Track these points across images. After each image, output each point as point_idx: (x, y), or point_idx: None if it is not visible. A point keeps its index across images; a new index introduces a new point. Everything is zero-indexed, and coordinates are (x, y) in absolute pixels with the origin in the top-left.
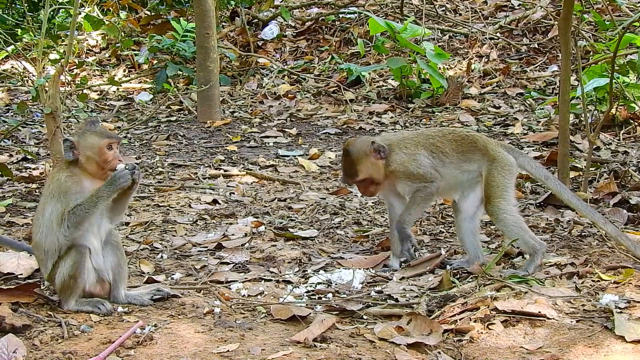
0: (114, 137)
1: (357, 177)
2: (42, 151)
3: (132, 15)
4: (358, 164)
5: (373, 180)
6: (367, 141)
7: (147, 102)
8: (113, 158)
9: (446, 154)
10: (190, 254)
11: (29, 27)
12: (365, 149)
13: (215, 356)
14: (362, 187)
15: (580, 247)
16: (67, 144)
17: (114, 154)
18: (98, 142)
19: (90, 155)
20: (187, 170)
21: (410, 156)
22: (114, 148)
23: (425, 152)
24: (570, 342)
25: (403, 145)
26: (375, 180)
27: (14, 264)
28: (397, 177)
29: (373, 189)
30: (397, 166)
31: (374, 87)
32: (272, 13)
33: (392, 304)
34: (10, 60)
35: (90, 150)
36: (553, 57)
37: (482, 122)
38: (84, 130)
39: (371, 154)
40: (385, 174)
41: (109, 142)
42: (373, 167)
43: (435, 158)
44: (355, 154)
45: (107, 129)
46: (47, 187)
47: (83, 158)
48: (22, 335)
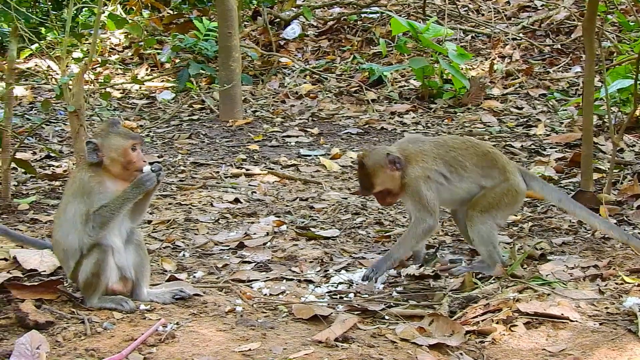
0: (138, 137)
1: (373, 189)
2: (66, 149)
3: (155, 14)
4: (374, 176)
5: (390, 191)
6: (383, 153)
7: (170, 100)
8: (137, 159)
9: (465, 168)
10: (212, 252)
11: (53, 26)
12: (380, 160)
13: (237, 355)
14: (380, 198)
15: (604, 249)
16: (90, 146)
17: (138, 155)
18: (123, 143)
19: (114, 157)
20: (209, 169)
21: (425, 171)
22: (138, 148)
23: (444, 165)
24: (593, 345)
25: (421, 159)
26: (391, 191)
27: (37, 260)
28: (407, 192)
29: (390, 199)
30: (409, 180)
31: (395, 87)
32: (294, 12)
33: (413, 304)
34: (34, 58)
35: (115, 152)
36: (576, 58)
37: (505, 123)
38: (107, 131)
39: (387, 166)
40: (400, 184)
41: (133, 143)
42: (389, 178)
43: (453, 172)
44: (371, 167)
45: (129, 130)
46: (69, 187)
47: (107, 160)
48: (45, 331)
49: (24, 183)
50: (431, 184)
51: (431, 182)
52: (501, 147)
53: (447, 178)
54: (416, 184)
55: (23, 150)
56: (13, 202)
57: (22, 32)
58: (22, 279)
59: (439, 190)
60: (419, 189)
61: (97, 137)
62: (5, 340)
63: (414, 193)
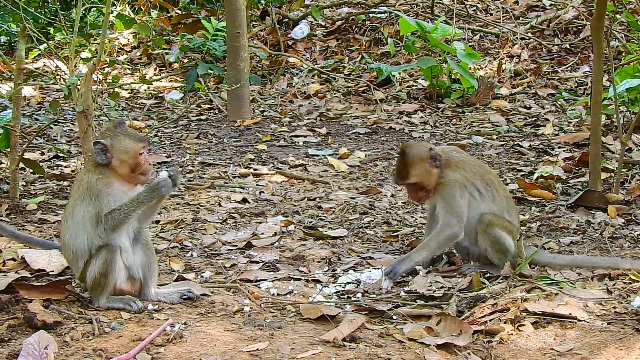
0: (146, 140)
1: (408, 179)
2: (74, 149)
3: (163, 14)
4: (412, 166)
5: (423, 187)
6: (426, 146)
7: (178, 100)
8: (144, 162)
9: (499, 192)
10: (219, 252)
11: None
12: (422, 153)
13: (245, 355)
14: (411, 191)
15: (612, 248)
16: (98, 147)
17: (145, 158)
18: (133, 146)
19: (125, 159)
20: (217, 169)
21: (463, 179)
22: (145, 151)
23: (481, 182)
24: (601, 345)
25: (462, 166)
26: (425, 186)
27: (45, 260)
28: (441, 192)
29: (422, 195)
30: (449, 181)
31: (404, 87)
32: (303, 12)
33: (421, 304)
34: (42, 58)
35: (125, 154)
36: (585, 58)
37: (513, 122)
38: (116, 132)
39: (427, 160)
40: (435, 183)
41: (143, 146)
42: (426, 173)
43: (489, 191)
44: (411, 157)
45: (137, 132)
46: (76, 189)
47: (117, 161)
48: (53, 331)
49: (32, 183)
50: (465, 193)
51: (465, 192)
52: (509, 147)
53: (481, 194)
54: (452, 188)
55: (31, 151)
56: (21, 202)
57: (31, 32)
58: (30, 279)
59: (470, 204)
60: (453, 193)
61: (106, 137)
62: (14, 340)
63: (447, 196)
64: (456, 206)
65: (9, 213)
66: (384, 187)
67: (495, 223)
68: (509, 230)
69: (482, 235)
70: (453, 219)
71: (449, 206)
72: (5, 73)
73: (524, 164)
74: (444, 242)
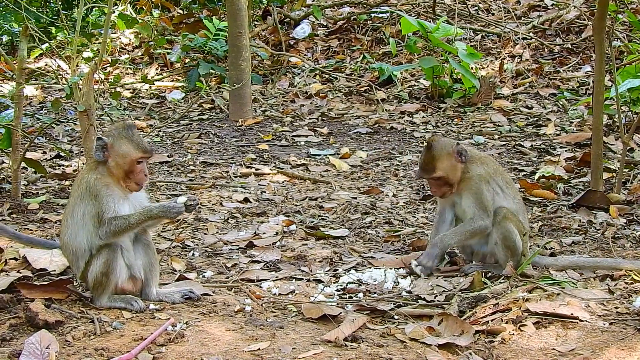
0: (148, 151)
1: (433, 173)
2: (76, 148)
3: (165, 14)
4: (438, 160)
5: (447, 181)
6: (452, 141)
7: (179, 100)
8: (140, 172)
9: (517, 193)
10: (221, 252)
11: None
12: (448, 147)
13: (246, 354)
14: (435, 186)
15: (614, 248)
16: (99, 143)
17: (142, 168)
18: (132, 153)
19: (119, 162)
20: (218, 168)
21: (487, 174)
22: (144, 162)
23: (501, 180)
24: (603, 345)
25: (485, 162)
26: (449, 181)
27: (47, 260)
28: (468, 188)
29: (445, 190)
30: (474, 176)
31: (405, 87)
32: (304, 12)
33: (423, 304)
34: (44, 58)
35: (121, 158)
36: (586, 58)
37: (514, 122)
38: (121, 134)
39: (453, 154)
40: (460, 179)
41: (142, 156)
42: (451, 167)
43: (508, 189)
44: (438, 150)
45: (143, 140)
46: (76, 189)
47: (112, 162)
48: (55, 331)
49: (34, 182)
50: (490, 188)
51: (490, 187)
52: (511, 147)
53: (503, 191)
54: (478, 182)
55: (33, 150)
56: (23, 202)
57: (33, 32)
58: (32, 279)
59: (494, 198)
60: (480, 188)
61: (109, 136)
62: (15, 340)
63: (475, 191)
64: (485, 200)
65: (11, 212)
66: (385, 187)
67: (510, 218)
68: (520, 229)
69: (495, 227)
70: (483, 213)
71: (478, 201)
72: (7, 72)
73: (525, 164)
74: (476, 233)
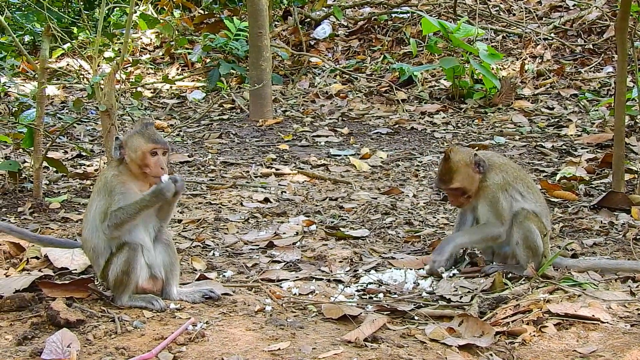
0: (160, 143)
1: (450, 184)
2: (97, 148)
3: (186, 14)
4: (455, 171)
5: (465, 192)
6: (470, 152)
7: (200, 100)
8: (155, 164)
9: (539, 196)
10: (241, 252)
11: (85, 26)
12: (466, 158)
13: (266, 354)
14: (453, 196)
15: (635, 250)
16: (116, 142)
17: (157, 161)
18: (142, 146)
19: (133, 157)
20: (239, 168)
21: (505, 181)
22: (159, 154)
23: (522, 185)
24: (625, 347)
25: (504, 170)
26: (467, 192)
27: (68, 259)
28: (485, 195)
29: (463, 200)
30: (491, 184)
31: (426, 87)
32: (325, 12)
33: (443, 305)
34: (66, 58)
35: (134, 153)
36: (608, 58)
37: (535, 123)
38: (135, 131)
39: (471, 165)
40: (477, 188)
41: (154, 147)
42: (469, 178)
43: (530, 193)
44: (455, 161)
45: (156, 134)
46: (96, 184)
47: (128, 158)
48: (76, 330)
49: (56, 182)
50: (507, 195)
51: (507, 194)
52: (532, 147)
53: (523, 196)
54: (495, 191)
55: (55, 150)
56: (45, 201)
57: (55, 32)
58: (54, 278)
59: (511, 204)
60: (497, 196)
61: (125, 134)
62: (37, 338)
63: (491, 199)
64: (501, 209)
65: (33, 211)
66: (405, 188)
67: (531, 218)
68: (542, 230)
69: (517, 227)
70: (497, 221)
71: (493, 209)
72: (29, 72)
73: (546, 165)
74: (486, 238)
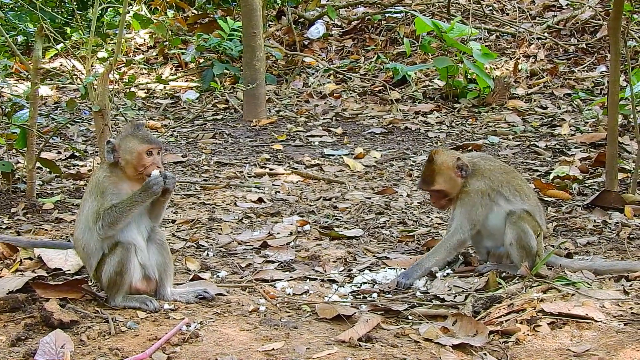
0: (154, 143)
1: (432, 186)
2: (90, 148)
3: (180, 14)
4: (438, 174)
5: (446, 194)
6: (454, 155)
7: (194, 100)
8: (151, 164)
9: (529, 197)
10: (235, 252)
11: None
12: (449, 162)
13: (260, 354)
14: (435, 198)
15: (629, 249)
16: (109, 146)
17: (153, 160)
18: (137, 147)
19: (128, 159)
20: (232, 168)
21: (488, 187)
22: (154, 154)
23: (508, 189)
24: (618, 346)
25: (488, 176)
26: (448, 194)
27: (62, 260)
28: (463, 200)
29: (444, 202)
30: (471, 190)
31: (420, 87)
32: (319, 12)
33: (437, 304)
34: (59, 58)
35: (129, 155)
36: (601, 58)
37: (529, 122)
38: (127, 132)
39: (453, 169)
40: (459, 192)
41: (149, 148)
42: (451, 182)
43: (516, 196)
44: (439, 164)
45: (149, 134)
46: (88, 185)
47: (122, 161)
48: (69, 330)
49: (49, 182)
50: (488, 201)
51: (489, 199)
52: (526, 147)
53: (508, 200)
54: (474, 196)
55: (48, 150)
56: (38, 202)
57: (48, 32)
58: (47, 279)
59: (493, 211)
60: (474, 201)
61: (117, 137)
62: (30, 339)
63: (468, 203)
64: (474, 214)
65: (26, 212)
66: (399, 187)
67: (525, 218)
68: (535, 230)
69: (510, 227)
70: (467, 225)
71: (466, 213)
72: (22, 72)
73: (540, 164)
74: (453, 248)
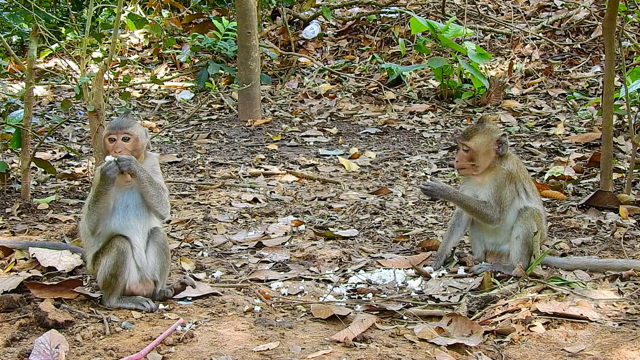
0: (114, 128)
1: (468, 141)
2: (85, 148)
3: (174, 14)
4: (480, 134)
5: (474, 158)
6: (501, 131)
7: (189, 100)
8: (112, 150)
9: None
10: (230, 252)
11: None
12: (495, 132)
13: (255, 354)
14: (461, 157)
15: (623, 249)
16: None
17: (114, 146)
18: (104, 134)
19: (103, 146)
20: (227, 168)
21: (516, 175)
22: (118, 139)
23: (529, 186)
24: (613, 345)
25: (519, 165)
26: (475, 159)
27: (56, 259)
28: (494, 177)
29: (467, 166)
30: (503, 169)
31: (414, 87)
32: (314, 12)
33: (432, 304)
34: (54, 58)
35: (103, 142)
36: (596, 58)
37: (524, 122)
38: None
39: (494, 140)
40: (487, 166)
41: (109, 133)
42: (485, 149)
43: (533, 194)
44: (486, 128)
45: (119, 120)
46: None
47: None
48: (64, 331)
49: (44, 182)
50: (513, 189)
51: (514, 187)
52: (520, 147)
53: (528, 195)
54: (504, 178)
55: (43, 150)
56: (33, 202)
57: (42, 32)
58: (42, 279)
59: (514, 200)
60: (505, 183)
61: None
62: (25, 340)
63: (498, 184)
64: (503, 196)
65: (21, 212)
66: (394, 187)
67: (537, 218)
68: (542, 233)
69: (522, 221)
70: (496, 206)
71: (496, 194)
72: (17, 73)
73: (535, 165)
74: (479, 213)
